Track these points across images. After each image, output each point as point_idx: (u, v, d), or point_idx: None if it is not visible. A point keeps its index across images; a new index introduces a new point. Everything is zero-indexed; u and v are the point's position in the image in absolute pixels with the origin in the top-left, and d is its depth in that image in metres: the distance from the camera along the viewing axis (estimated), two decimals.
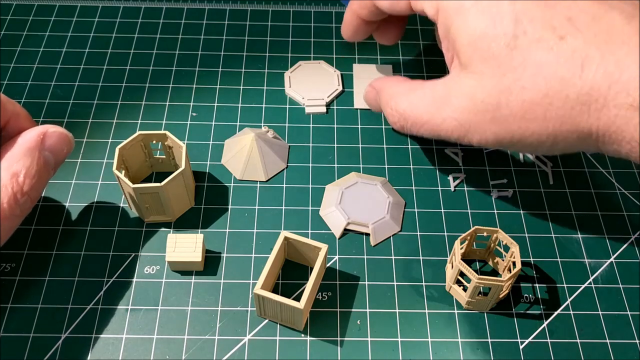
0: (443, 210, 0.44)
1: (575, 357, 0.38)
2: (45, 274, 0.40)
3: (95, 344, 0.37)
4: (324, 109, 0.49)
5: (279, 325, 0.38)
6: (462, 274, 0.38)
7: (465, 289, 0.38)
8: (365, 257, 0.41)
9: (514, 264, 0.38)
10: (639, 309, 0.39)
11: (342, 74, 0.51)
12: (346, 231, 0.42)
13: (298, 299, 0.36)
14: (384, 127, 0.48)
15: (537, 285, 0.40)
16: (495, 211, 0.44)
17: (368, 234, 0.42)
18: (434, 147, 0.47)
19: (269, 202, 0.44)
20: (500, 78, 0.33)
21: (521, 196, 0.45)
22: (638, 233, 0.43)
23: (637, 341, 0.38)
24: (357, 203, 0.43)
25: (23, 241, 0.41)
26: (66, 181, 0.44)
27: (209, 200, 0.44)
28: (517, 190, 0.45)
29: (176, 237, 0.39)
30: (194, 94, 0.50)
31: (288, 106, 0.49)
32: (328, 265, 0.41)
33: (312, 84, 0.50)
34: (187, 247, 0.39)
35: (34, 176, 0.35)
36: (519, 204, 0.44)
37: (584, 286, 0.40)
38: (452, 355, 0.37)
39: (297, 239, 0.38)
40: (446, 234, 0.43)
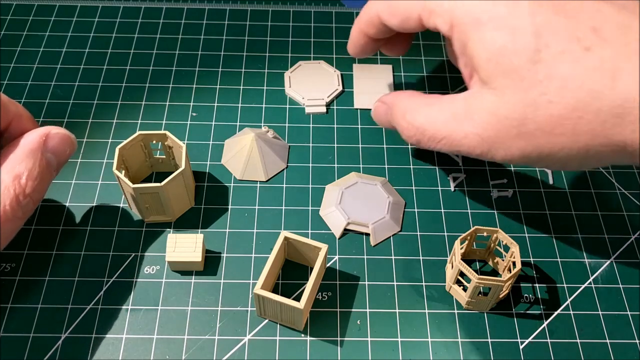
0: (443, 210, 0.44)
1: (575, 357, 0.38)
2: (45, 274, 0.40)
3: (95, 344, 0.37)
4: (324, 109, 0.49)
5: (279, 325, 0.38)
6: (462, 274, 0.38)
7: (465, 289, 0.38)
8: (365, 257, 0.41)
9: (514, 264, 0.38)
10: (639, 309, 0.39)
11: (342, 74, 0.51)
12: (346, 231, 0.42)
13: (298, 299, 0.36)
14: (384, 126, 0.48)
15: (537, 285, 0.40)
16: (495, 211, 0.44)
17: (368, 234, 0.42)
18: None
19: (269, 202, 0.44)
20: (525, 93, 0.32)
21: (521, 196, 0.45)
22: (638, 233, 0.43)
23: (637, 341, 0.38)
24: (357, 203, 0.43)
25: (23, 241, 0.41)
26: (66, 181, 0.44)
27: (209, 200, 0.44)
28: (517, 190, 0.45)
29: (176, 237, 0.39)
30: (194, 94, 0.50)
31: (288, 106, 0.49)
32: (328, 265, 0.41)
33: (312, 84, 0.50)
34: (187, 247, 0.39)
35: (36, 178, 0.35)
36: (519, 204, 0.44)
37: (584, 286, 0.40)
38: (452, 355, 0.37)
39: (297, 239, 0.38)
40: (446, 234, 0.43)
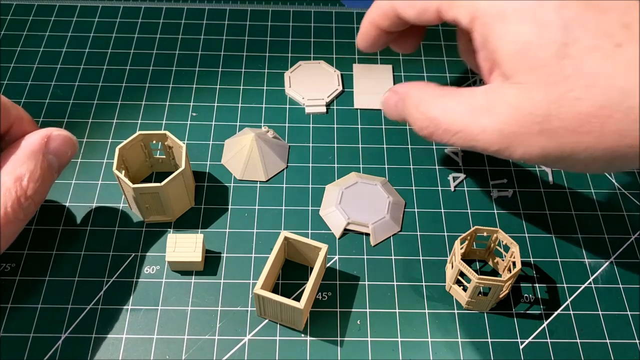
0: (443, 210, 0.44)
1: (575, 357, 0.38)
2: (45, 274, 0.40)
3: (95, 344, 0.37)
4: (324, 109, 0.49)
5: (279, 325, 0.38)
6: (462, 274, 0.38)
7: (465, 289, 0.38)
8: (365, 257, 0.41)
9: (514, 264, 0.38)
10: (639, 309, 0.39)
11: (342, 74, 0.51)
12: (346, 231, 0.42)
13: (298, 299, 0.36)
14: (384, 127, 0.48)
15: (537, 285, 0.40)
16: (495, 211, 0.44)
17: (368, 234, 0.42)
18: (434, 147, 0.47)
19: (269, 202, 0.44)
20: (550, 88, 0.30)
21: (521, 196, 0.45)
22: (638, 233, 0.43)
23: (637, 341, 0.38)
24: (357, 203, 0.43)
25: (23, 241, 0.41)
26: (66, 181, 0.44)
27: (209, 200, 0.44)
28: (517, 190, 0.45)
29: (176, 237, 0.39)
30: (194, 94, 0.50)
31: (288, 106, 0.49)
32: (328, 265, 0.41)
33: (312, 84, 0.50)
34: (187, 247, 0.39)
35: (38, 180, 0.35)
36: (519, 204, 0.44)
37: (584, 286, 0.40)
38: (452, 355, 0.37)
39: (297, 239, 0.38)
40: (446, 234, 0.43)
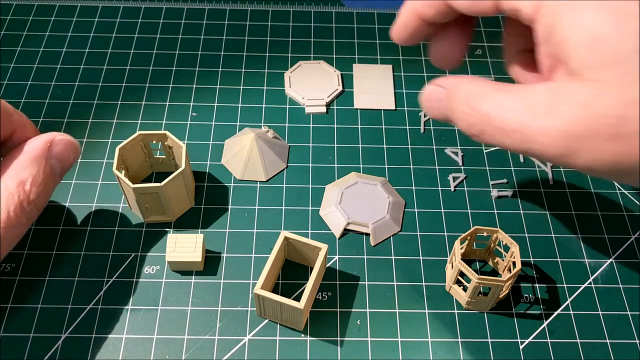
0: (443, 210, 0.44)
1: (575, 357, 0.38)
2: (45, 274, 0.40)
3: (95, 344, 0.37)
4: (324, 109, 0.49)
5: (279, 325, 0.38)
6: (462, 274, 0.38)
7: (465, 289, 0.38)
8: (365, 257, 0.41)
9: (514, 264, 0.38)
10: (639, 309, 0.39)
11: (342, 74, 0.51)
12: (346, 231, 0.42)
13: (298, 299, 0.36)
14: (384, 127, 0.48)
15: (537, 285, 0.40)
16: (495, 211, 0.44)
17: (368, 234, 0.42)
18: (434, 147, 0.47)
19: (269, 202, 0.44)
20: (627, 88, 0.27)
21: (521, 196, 0.45)
22: (638, 233, 0.43)
23: (637, 341, 0.38)
24: (357, 203, 0.43)
25: (23, 241, 0.41)
26: (66, 181, 0.44)
27: (209, 200, 0.44)
28: (517, 190, 0.45)
29: (176, 237, 0.39)
30: (194, 94, 0.50)
31: (288, 106, 0.49)
32: (328, 265, 0.41)
33: (312, 84, 0.50)
34: (187, 247, 0.39)
35: (41, 184, 0.35)
36: (519, 204, 0.44)
37: (584, 286, 0.40)
38: (452, 355, 0.37)
39: (297, 239, 0.38)
40: (446, 234, 0.43)
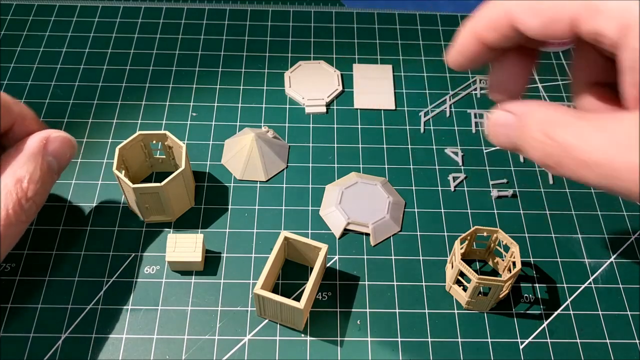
0: (443, 210, 0.44)
1: (575, 357, 0.38)
2: (45, 274, 0.40)
3: (95, 344, 0.37)
4: (324, 109, 0.49)
5: (279, 325, 0.38)
6: (462, 274, 0.38)
7: (465, 289, 0.38)
8: (365, 257, 0.41)
9: (514, 264, 0.38)
10: (639, 309, 0.39)
11: (342, 74, 0.51)
12: (346, 231, 0.42)
13: (298, 299, 0.36)
14: (384, 127, 0.48)
15: (537, 285, 0.40)
16: (495, 211, 0.44)
17: (368, 234, 0.42)
18: (434, 147, 0.47)
19: (269, 202, 0.44)
20: None
21: (521, 196, 0.45)
22: (638, 233, 0.43)
23: (637, 341, 0.38)
24: (357, 203, 0.43)
25: (23, 241, 0.41)
26: (66, 181, 0.44)
27: (209, 200, 0.44)
28: (517, 190, 0.45)
29: (176, 237, 0.39)
30: (194, 94, 0.50)
31: (288, 106, 0.49)
32: (328, 265, 0.41)
33: (312, 84, 0.50)
34: (187, 247, 0.39)
35: (38, 181, 0.35)
36: (519, 204, 0.44)
37: (584, 286, 0.40)
38: (452, 355, 0.37)
39: (297, 239, 0.38)
40: (446, 234, 0.43)
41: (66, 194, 0.44)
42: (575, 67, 0.32)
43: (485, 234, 0.39)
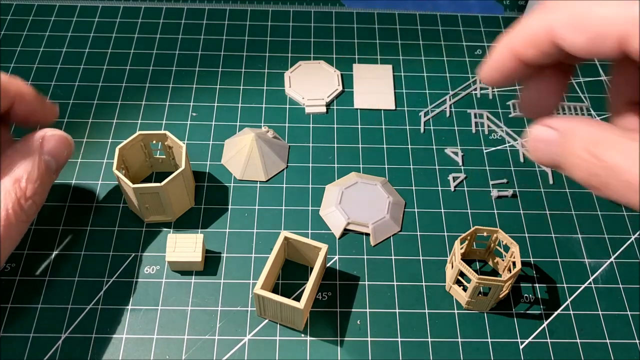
0: (443, 210, 0.44)
1: (575, 357, 0.38)
2: (45, 274, 0.40)
3: (95, 344, 0.37)
4: (324, 109, 0.49)
5: (279, 325, 0.38)
6: (462, 274, 0.38)
7: (465, 289, 0.38)
8: (365, 257, 0.41)
9: (514, 264, 0.38)
10: (639, 309, 0.39)
11: (342, 74, 0.51)
12: (346, 231, 0.42)
13: (298, 299, 0.36)
14: (384, 127, 0.48)
15: (537, 285, 0.40)
16: (495, 211, 0.44)
17: (368, 234, 0.42)
18: (434, 147, 0.47)
19: (269, 202, 0.44)
20: None
21: (521, 196, 0.45)
22: (638, 233, 0.43)
23: (637, 341, 0.38)
24: (357, 203, 0.43)
25: (23, 241, 0.41)
26: (66, 181, 0.44)
27: (209, 200, 0.44)
28: (517, 190, 0.45)
29: (176, 237, 0.39)
30: (194, 94, 0.50)
31: (288, 106, 0.49)
32: (328, 265, 0.41)
33: (312, 84, 0.50)
34: (187, 247, 0.39)
35: (36, 180, 0.35)
36: (519, 204, 0.44)
37: (584, 286, 0.40)
38: (452, 355, 0.37)
39: (297, 239, 0.38)
40: (446, 234, 0.43)
41: (66, 194, 0.44)
42: (615, 84, 0.30)
43: (485, 234, 0.39)
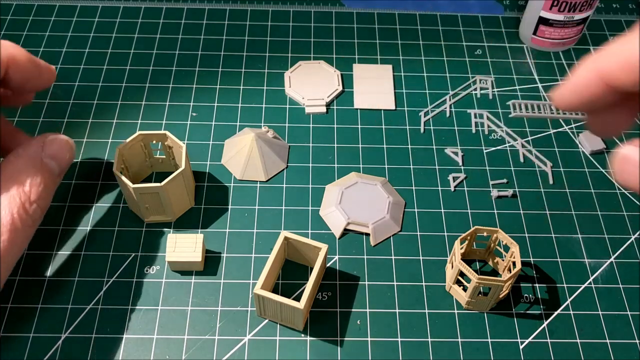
0: (443, 210, 0.44)
1: (575, 357, 0.38)
2: (45, 274, 0.40)
3: (95, 344, 0.37)
4: (324, 109, 0.49)
5: (279, 325, 0.38)
6: (462, 274, 0.38)
7: (465, 289, 0.38)
8: (365, 257, 0.41)
9: (514, 264, 0.38)
10: (639, 309, 0.39)
11: (342, 74, 0.51)
12: (346, 231, 0.42)
13: (298, 299, 0.36)
14: (384, 127, 0.48)
15: (537, 285, 0.40)
16: (495, 211, 0.44)
17: (368, 234, 0.42)
18: (434, 147, 0.47)
19: (269, 202, 0.44)
20: None
21: (521, 196, 0.45)
22: (638, 233, 0.43)
23: (637, 341, 0.38)
24: (357, 203, 0.43)
25: None
26: (66, 181, 0.44)
27: (209, 200, 0.44)
28: (517, 190, 0.45)
29: (176, 237, 0.39)
30: (194, 94, 0.50)
31: (288, 106, 0.49)
32: (328, 265, 0.41)
33: (312, 84, 0.50)
34: (187, 247, 0.39)
35: (40, 184, 0.35)
36: (519, 204, 0.44)
37: (584, 286, 0.40)
38: (452, 355, 0.37)
39: (297, 239, 0.38)
40: (446, 234, 0.43)
41: (66, 194, 0.44)
42: None
43: (485, 234, 0.39)
